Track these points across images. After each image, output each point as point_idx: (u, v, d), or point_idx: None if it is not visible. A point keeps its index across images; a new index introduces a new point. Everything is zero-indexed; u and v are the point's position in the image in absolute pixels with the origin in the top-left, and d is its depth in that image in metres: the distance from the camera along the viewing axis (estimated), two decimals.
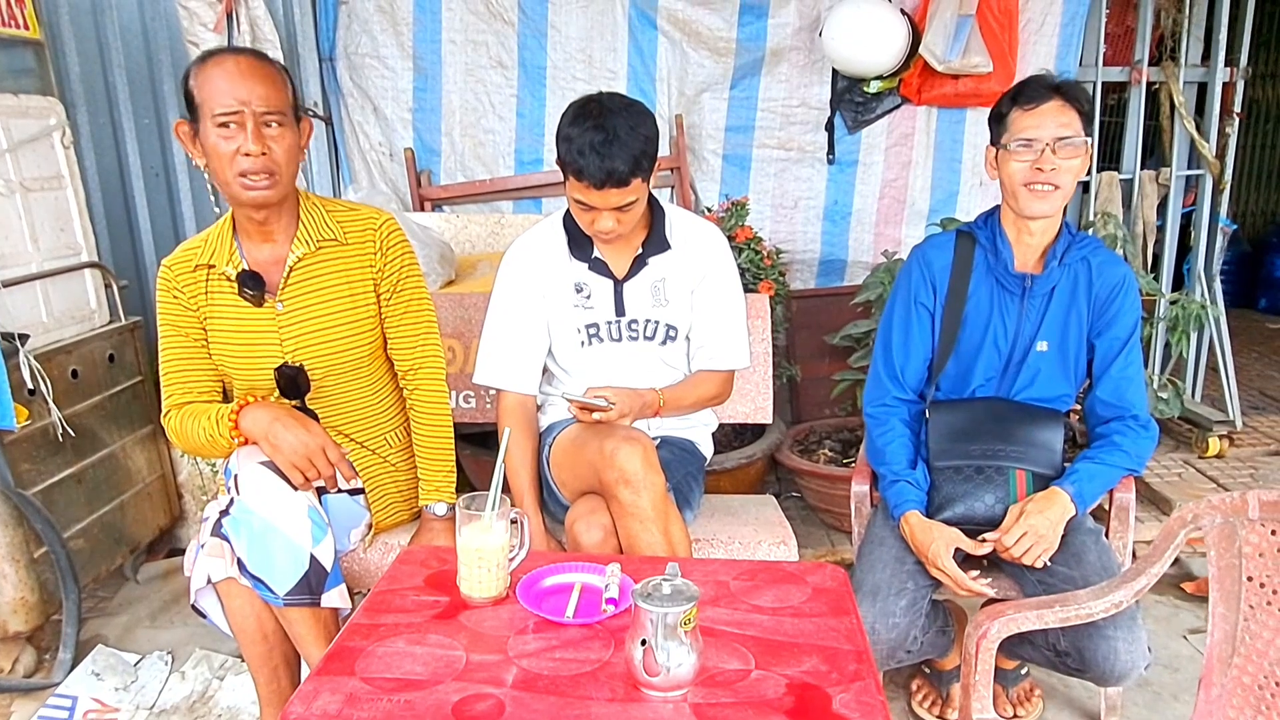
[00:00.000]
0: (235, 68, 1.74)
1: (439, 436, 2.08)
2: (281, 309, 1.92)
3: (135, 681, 2.49)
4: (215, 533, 1.79)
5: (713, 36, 3.55)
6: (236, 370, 1.95)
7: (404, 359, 2.06)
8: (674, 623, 1.23)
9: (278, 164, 1.78)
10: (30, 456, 2.47)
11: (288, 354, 1.93)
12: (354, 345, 1.98)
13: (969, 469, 2.00)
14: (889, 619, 1.88)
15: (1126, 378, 1.99)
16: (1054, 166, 1.85)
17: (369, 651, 1.37)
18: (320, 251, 1.94)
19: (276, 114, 1.76)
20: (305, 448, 1.78)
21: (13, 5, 2.59)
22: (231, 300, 1.91)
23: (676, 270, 2.10)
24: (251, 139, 1.73)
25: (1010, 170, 1.90)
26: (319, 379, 1.97)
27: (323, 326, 1.94)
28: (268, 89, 1.75)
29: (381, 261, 1.97)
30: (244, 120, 1.73)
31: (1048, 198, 1.88)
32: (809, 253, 3.81)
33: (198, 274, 1.92)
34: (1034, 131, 1.86)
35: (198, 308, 1.92)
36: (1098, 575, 1.83)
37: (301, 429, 1.79)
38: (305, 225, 1.92)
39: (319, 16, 3.52)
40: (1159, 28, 3.70)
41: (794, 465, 3.17)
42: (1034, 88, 1.89)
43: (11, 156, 2.53)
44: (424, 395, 2.07)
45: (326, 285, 1.95)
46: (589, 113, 1.85)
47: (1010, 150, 1.89)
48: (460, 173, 3.70)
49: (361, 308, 1.97)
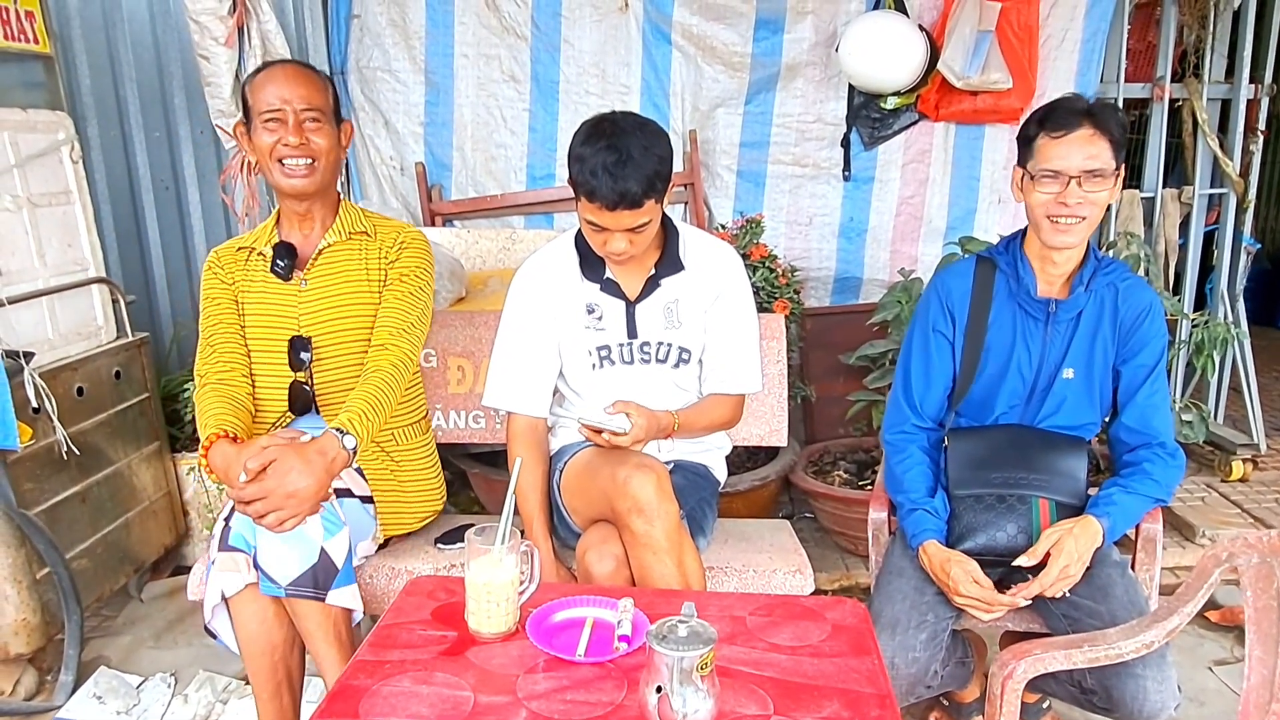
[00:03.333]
0: (282, 74, 1.99)
1: (377, 396, 1.92)
2: (305, 286, 2.07)
3: (138, 705, 2.45)
4: (224, 546, 1.77)
5: (728, 51, 3.52)
6: (255, 340, 2.08)
7: (379, 336, 2.03)
8: (690, 667, 1.18)
9: (316, 154, 1.98)
10: (34, 475, 2.44)
11: (303, 328, 2.05)
12: (362, 327, 2.07)
13: (990, 498, 1.94)
14: (909, 653, 1.82)
15: (1153, 405, 1.94)
16: (1079, 200, 1.79)
17: (374, 691, 1.32)
18: (350, 241, 2.10)
19: (315, 111, 1.98)
20: (263, 496, 1.71)
21: (22, 19, 2.57)
22: (263, 277, 2.08)
23: (690, 291, 2.06)
24: (292, 131, 1.96)
25: (1034, 200, 1.84)
26: (326, 356, 2.06)
27: (337, 305, 2.06)
28: (308, 90, 1.98)
29: (396, 254, 2.10)
30: (286, 117, 1.96)
31: (1071, 230, 1.83)
32: (823, 270, 3.76)
33: (239, 255, 2.12)
34: (1060, 163, 1.79)
35: (234, 282, 2.10)
36: (1125, 610, 1.77)
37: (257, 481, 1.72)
38: (342, 219, 2.10)
39: (331, 30, 3.50)
40: (1181, 43, 3.65)
41: (808, 487, 3.12)
42: (1063, 112, 1.81)
43: (19, 172, 2.51)
44: (379, 370, 1.96)
45: (348, 270, 2.08)
46: (602, 132, 1.81)
47: (1035, 180, 1.83)
48: (471, 188, 3.67)
49: (375, 294, 2.09)
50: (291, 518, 1.71)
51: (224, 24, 3.10)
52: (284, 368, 2.05)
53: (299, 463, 1.72)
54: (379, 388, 1.93)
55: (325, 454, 1.76)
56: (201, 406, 1.96)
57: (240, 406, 1.98)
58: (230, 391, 2.00)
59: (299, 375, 2.05)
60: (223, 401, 1.96)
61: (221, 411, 1.92)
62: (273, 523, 1.71)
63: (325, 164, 2.01)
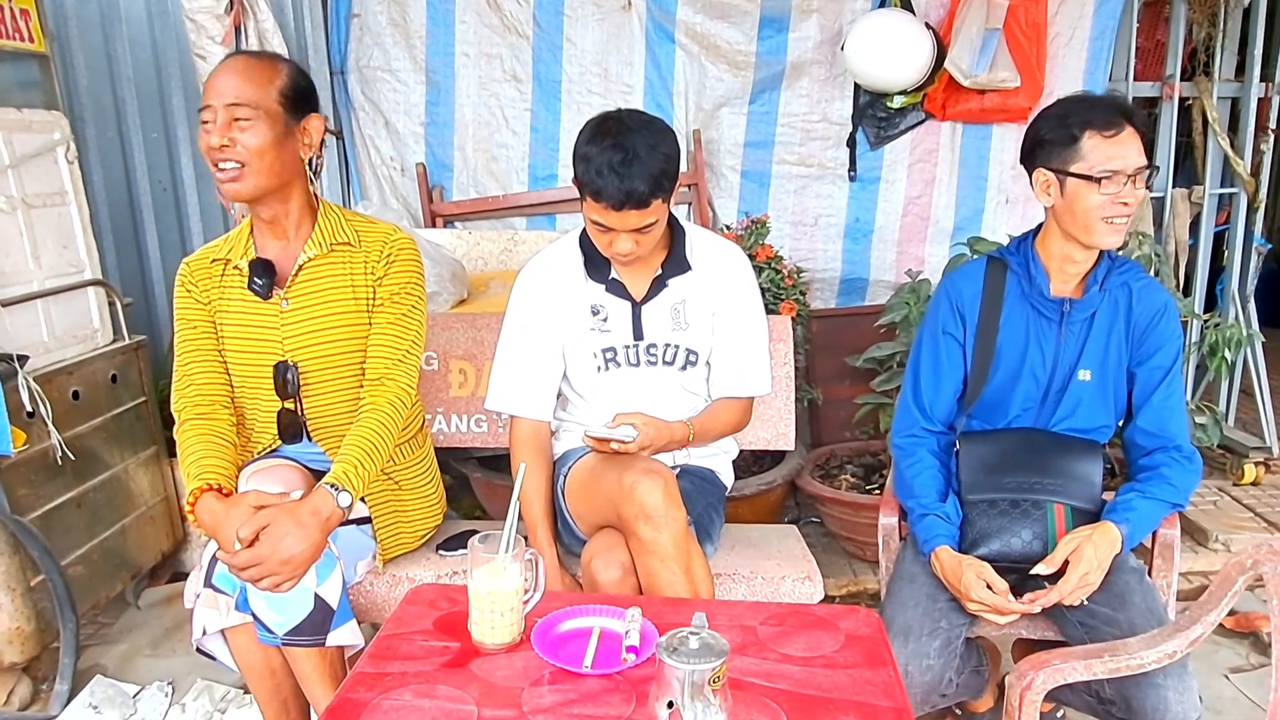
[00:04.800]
0: (221, 68, 1.79)
1: (372, 441, 1.81)
2: (286, 306, 1.90)
3: (134, 714, 2.42)
4: (208, 582, 1.72)
5: (732, 50, 3.48)
6: (237, 366, 1.93)
7: (374, 368, 1.91)
8: (702, 681, 1.14)
9: (244, 155, 1.75)
10: (28, 481, 2.40)
11: (287, 352, 1.90)
12: (351, 350, 1.93)
13: (1004, 503, 1.90)
14: (922, 660, 1.78)
15: (1169, 408, 1.90)
16: (1134, 198, 1.75)
17: (375, 705, 1.28)
18: (332, 254, 1.92)
19: (244, 106, 1.74)
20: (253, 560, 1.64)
21: (16, 17, 2.53)
22: (241, 294, 1.91)
23: (697, 292, 2.02)
24: (217, 130, 1.74)
25: (1090, 203, 1.76)
26: (314, 381, 1.93)
27: (323, 327, 1.91)
28: (241, 83, 1.75)
29: (384, 269, 1.92)
30: (214, 115, 1.75)
31: (1122, 230, 1.79)
32: (829, 271, 3.72)
33: (214, 268, 1.93)
34: (1119, 162, 1.74)
35: (209, 301, 1.92)
36: (1144, 619, 1.73)
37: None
38: (321, 228, 1.91)
39: (330, 29, 3.47)
40: (1191, 41, 3.62)
41: (815, 492, 3.07)
42: (1109, 111, 1.76)
43: (14, 172, 2.47)
44: (375, 410, 1.85)
45: (332, 287, 1.91)
46: (607, 131, 1.77)
47: (1094, 180, 1.75)
48: (473, 188, 3.63)
49: (363, 313, 1.93)
50: (286, 581, 1.64)
51: (220, 23, 3.07)
52: (270, 393, 1.92)
53: (293, 527, 1.63)
54: (375, 431, 1.81)
55: (319, 514, 1.67)
56: (184, 451, 1.83)
57: (225, 443, 1.85)
58: (212, 428, 1.86)
59: (287, 403, 1.93)
60: (205, 443, 1.82)
61: (205, 456, 1.79)
62: (268, 586, 1.63)
63: (261, 166, 1.77)
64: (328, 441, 1.96)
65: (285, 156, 1.81)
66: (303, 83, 1.85)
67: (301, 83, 1.84)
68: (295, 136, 1.82)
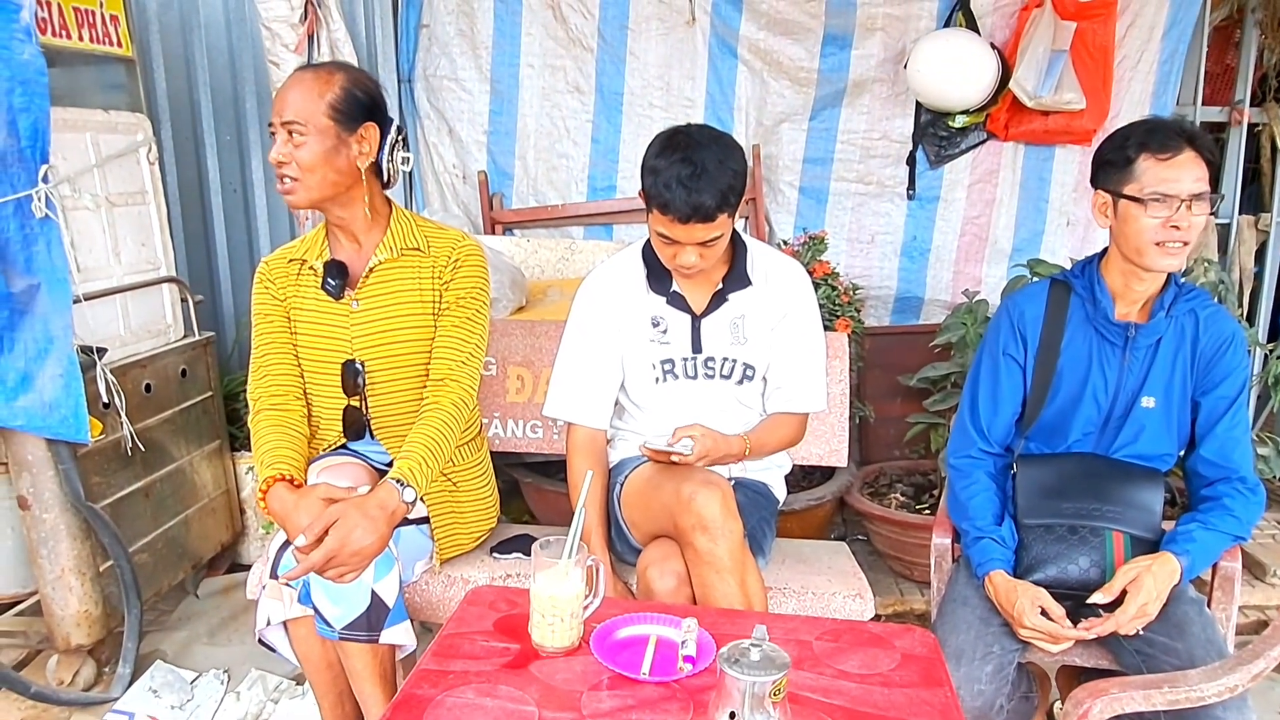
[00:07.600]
0: (285, 84, 1.88)
1: (435, 440, 1.86)
2: (356, 307, 1.97)
3: (191, 700, 2.48)
4: (275, 574, 1.77)
5: (794, 66, 3.49)
6: (307, 363, 2.00)
7: (438, 369, 1.96)
8: (763, 693, 1.15)
9: (297, 170, 1.83)
10: (101, 470, 2.48)
11: (356, 351, 1.97)
12: (417, 351, 1.99)
13: (1061, 528, 1.89)
14: (974, 685, 1.77)
15: (1233, 438, 1.88)
16: (1188, 224, 1.74)
17: (438, 701, 1.31)
18: (402, 258, 1.98)
19: (296, 122, 1.82)
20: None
21: (107, 22, 2.63)
22: (314, 294, 1.98)
23: (757, 307, 2.03)
24: (276, 146, 1.84)
25: (1140, 225, 1.76)
26: (380, 380, 1.99)
27: (390, 328, 1.97)
28: (296, 100, 1.83)
29: (451, 273, 1.98)
30: (276, 129, 1.85)
31: (1178, 255, 1.77)
32: (884, 289, 3.71)
33: (290, 267, 2.01)
34: (1172, 186, 1.73)
35: (285, 298, 2.00)
36: (1203, 650, 1.71)
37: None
38: (393, 233, 1.98)
39: (400, 39, 3.54)
40: (1262, 66, 3.56)
41: (864, 509, 3.06)
42: (1167, 134, 1.75)
43: (99, 172, 2.56)
44: (439, 409, 1.90)
45: (401, 289, 1.98)
46: (677, 145, 1.80)
47: (1143, 203, 1.75)
48: (532, 197, 3.68)
49: (429, 316, 1.99)
50: (352, 572, 1.70)
51: (295, 31, 3.15)
52: (338, 390, 1.99)
53: (362, 520, 1.68)
54: (439, 430, 1.86)
55: (386, 508, 1.72)
56: (257, 440, 1.90)
57: (297, 435, 1.93)
58: (285, 418, 1.94)
59: (353, 400, 1.99)
60: (278, 434, 1.89)
61: (278, 447, 1.86)
62: (334, 576, 1.69)
63: (311, 180, 1.83)
64: (390, 439, 2.01)
65: (339, 167, 1.86)
66: (359, 93, 1.87)
67: (358, 93, 1.87)
68: (349, 146, 1.86)
